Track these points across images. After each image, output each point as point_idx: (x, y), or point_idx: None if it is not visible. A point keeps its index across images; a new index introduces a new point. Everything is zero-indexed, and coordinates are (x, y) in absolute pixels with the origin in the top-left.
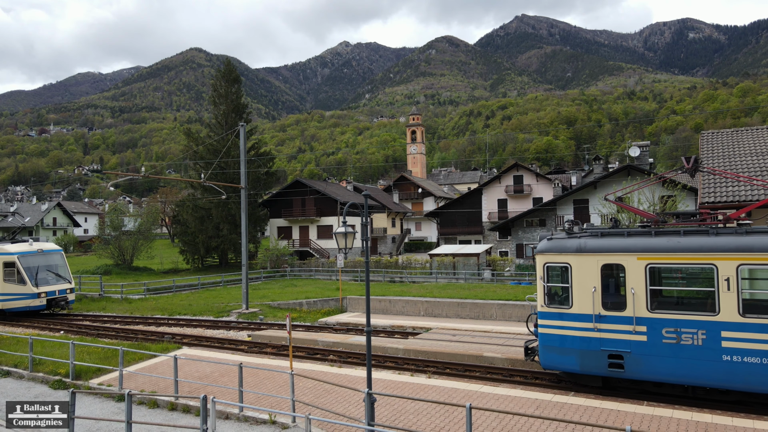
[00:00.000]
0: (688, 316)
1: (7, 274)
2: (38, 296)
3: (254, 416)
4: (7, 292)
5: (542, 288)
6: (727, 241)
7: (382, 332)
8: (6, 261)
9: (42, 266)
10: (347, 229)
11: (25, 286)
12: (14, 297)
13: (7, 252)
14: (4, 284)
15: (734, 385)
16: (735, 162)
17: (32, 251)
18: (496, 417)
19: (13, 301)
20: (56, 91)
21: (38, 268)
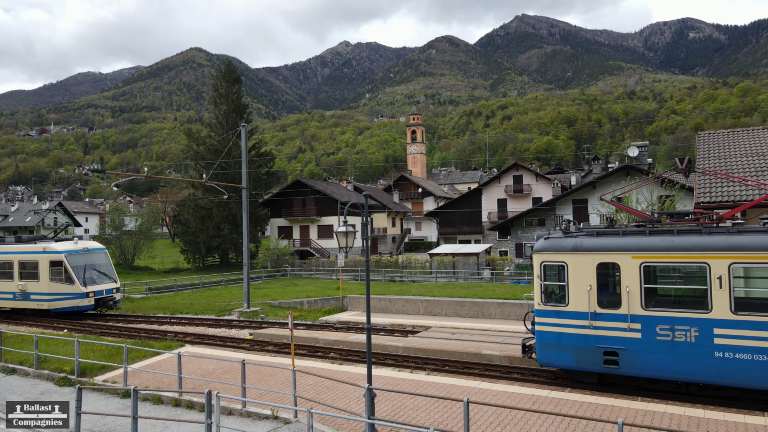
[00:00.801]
0: (681, 314)
1: (53, 273)
2: (86, 296)
3: (257, 412)
4: (53, 292)
5: (539, 286)
6: (719, 241)
7: (382, 331)
8: (53, 260)
9: (89, 265)
10: (348, 229)
11: (73, 285)
12: (62, 297)
13: (53, 250)
14: (51, 284)
15: (726, 381)
16: (731, 162)
17: (78, 250)
18: (494, 412)
19: (61, 300)
20: (56, 90)
21: (85, 266)
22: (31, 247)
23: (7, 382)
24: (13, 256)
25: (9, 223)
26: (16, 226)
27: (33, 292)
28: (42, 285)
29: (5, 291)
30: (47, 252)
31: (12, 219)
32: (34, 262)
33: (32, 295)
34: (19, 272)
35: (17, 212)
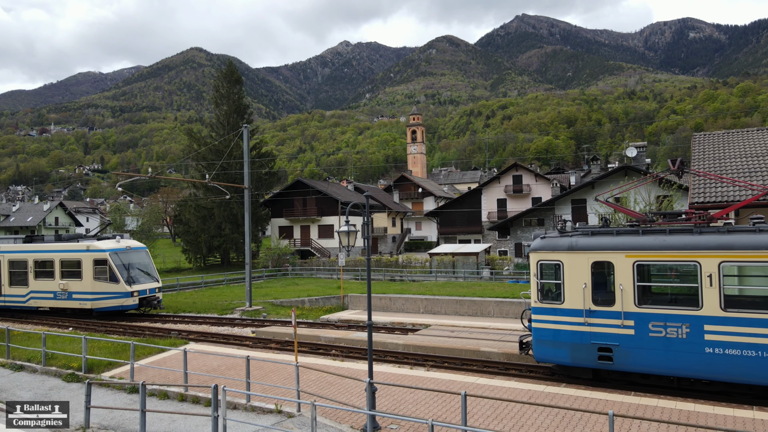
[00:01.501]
0: (673, 311)
1: (97, 272)
2: (131, 295)
3: (261, 406)
4: (97, 291)
5: (536, 284)
6: (709, 240)
7: (383, 329)
8: (97, 258)
9: (132, 264)
10: (350, 228)
11: (117, 284)
12: (106, 296)
13: (97, 249)
14: (94, 283)
15: (716, 376)
16: (725, 163)
17: (122, 248)
18: (491, 406)
19: (105, 300)
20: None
21: (129, 265)
22: (73, 245)
23: (15, 378)
24: (54, 254)
25: (10, 223)
26: (17, 226)
27: (75, 291)
28: (85, 284)
29: (45, 290)
30: (91, 250)
31: (13, 219)
32: (77, 260)
33: (74, 294)
34: (61, 271)
35: (18, 212)
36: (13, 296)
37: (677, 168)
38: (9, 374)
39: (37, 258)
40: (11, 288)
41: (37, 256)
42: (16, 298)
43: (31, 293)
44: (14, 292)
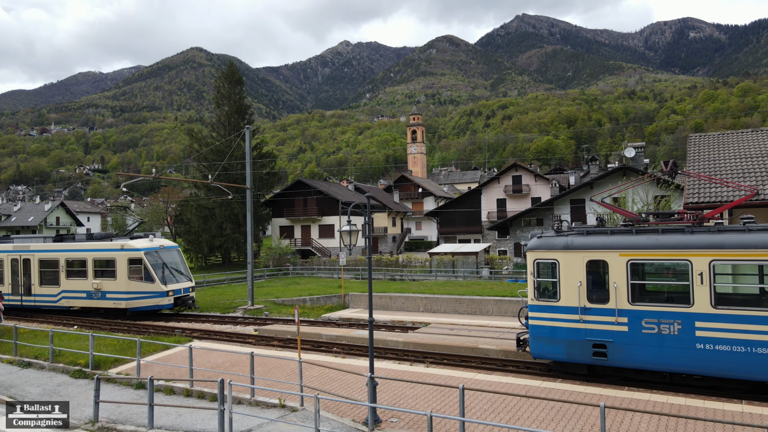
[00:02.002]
0: (665, 308)
1: (132, 271)
2: (167, 294)
3: (265, 401)
4: (132, 291)
5: (532, 283)
6: (700, 239)
7: (383, 327)
8: (131, 257)
9: (166, 263)
10: (352, 228)
11: (153, 283)
12: (141, 295)
13: (132, 248)
14: (129, 282)
15: (707, 371)
16: (719, 165)
17: (155, 247)
18: (489, 400)
19: (140, 299)
20: (57, 90)
21: (163, 264)
22: (106, 244)
23: (24, 374)
24: (87, 253)
25: (12, 223)
26: (18, 226)
27: (109, 291)
28: (119, 283)
29: (78, 290)
30: (125, 249)
31: (15, 219)
32: (111, 259)
33: (108, 293)
34: (94, 270)
35: (20, 212)
36: (43, 296)
37: (669, 169)
38: (17, 371)
39: (69, 257)
40: (42, 287)
41: (69, 256)
42: (46, 298)
43: (63, 293)
44: (45, 291)
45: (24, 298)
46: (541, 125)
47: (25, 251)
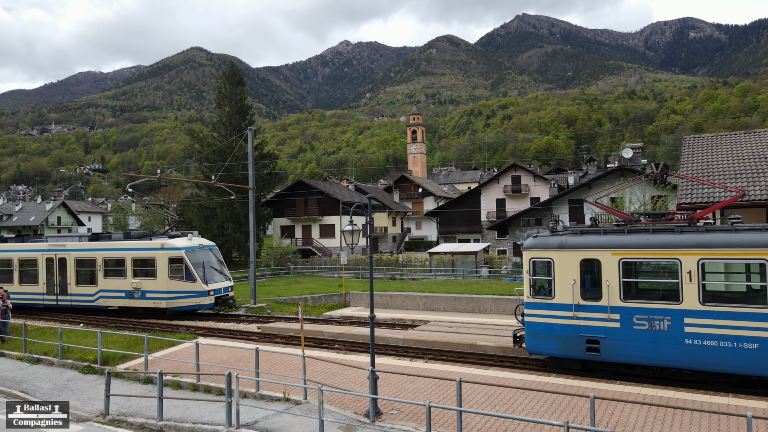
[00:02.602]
0: (655, 305)
1: (173, 270)
2: (208, 294)
3: (270, 394)
4: (172, 290)
5: (528, 281)
6: (689, 239)
7: (384, 324)
8: (172, 256)
9: (205, 262)
10: (353, 228)
11: (194, 283)
12: (182, 295)
13: (173, 247)
14: (170, 281)
15: (696, 366)
16: (712, 166)
17: (195, 246)
18: (485, 393)
19: (181, 299)
20: (57, 90)
21: (203, 263)
22: (146, 243)
23: (34, 370)
24: (125, 252)
25: (13, 223)
26: (20, 226)
27: (149, 290)
28: (159, 283)
29: (116, 289)
30: (166, 248)
31: (16, 218)
32: (151, 259)
33: (148, 293)
34: (133, 269)
35: (21, 212)
36: (80, 295)
37: (660, 171)
38: (27, 367)
39: (106, 256)
40: (78, 287)
41: (106, 255)
42: (83, 297)
43: (100, 292)
44: (82, 291)
45: (60, 297)
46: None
47: (61, 250)
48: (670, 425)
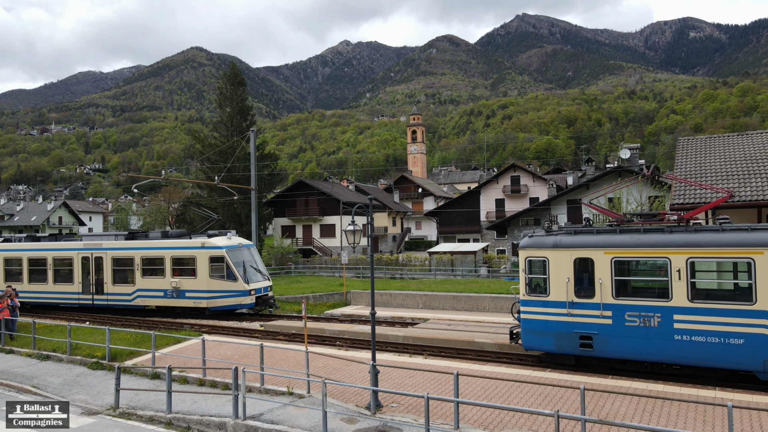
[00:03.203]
0: (646, 302)
1: (213, 269)
2: (249, 294)
3: (274, 388)
4: (213, 289)
5: (524, 279)
6: (678, 238)
7: (384, 323)
8: (213, 255)
9: (245, 261)
10: (355, 227)
11: (235, 282)
12: (223, 294)
13: (214, 245)
14: (210, 281)
15: (685, 361)
16: (705, 167)
17: (235, 245)
18: (482, 387)
19: (222, 298)
20: (57, 90)
21: (243, 263)
22: (186, 242)
23: (44, 366)
24: (164, 251)
25: (15, 222)
26: (21, 225)
27: (188, 290)
28: (200, 282)
29: (155, 288)
30: (206, 247)
31: (18, 218)
32: (191, 257)
33: (187, 292)
34: (172, 269)
35: (23, 212)
36: (117, 295)
37: (650, 173)
38: (36, 363)
39: (144, 255)
40: (114, 286)
41: (144, 254)
42: (120, 297)
43: (138, 291)
44: (118, 290)
45: (96, 297)
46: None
47: (97, 249)
48: (658, 416)
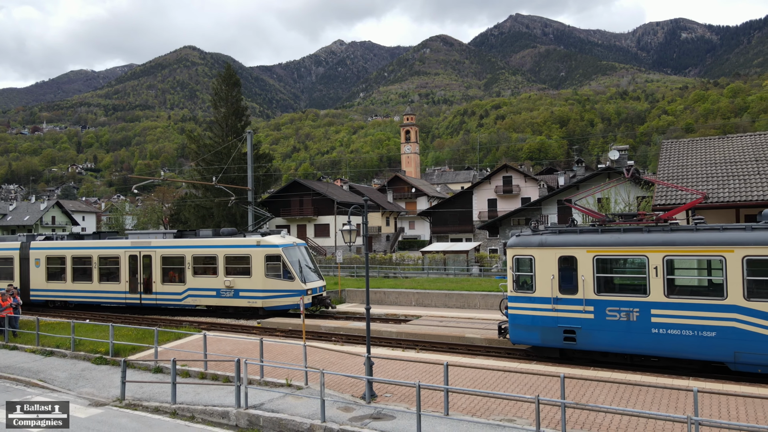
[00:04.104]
0: (626, 298)
1: (269, 268)
2: (306, 293)
3: (273, 380)
4: (269, 289)
5: (512, 276)
6: (656, 237)
7: (378, 319)
8: (269, 254)
9: (300, 260)
10: (351, 228)
11: (292, 281)
12: (280, 294)
13: (270, 244)
14: (266, 280)
15: (661, 353)
16: (686, 169)
17: (290, 244)
18: (471, 378)
19: (278, 298)
20: (49, 88)
21: (299, 261)
22: (240, 240)
23: (48, 362)
24: (217, 250)
25: (7, 222)
26: (14, 225)
27: (243, 289)
28: (255, 281)
29: (207, 287)
30: (262, 246)
31: (10, 218)
32: (246, 256)
33: (242, 292)
34: (225, 267)
35: (15, 211)
36: (166, 294)
37: (630, 175)
38: (41, 359)
39: (196, 254)
40: (164, 285)
41: (196, 252)
42: (170, 296)
43: (189, 291)
44: (168, 289)
45: (143, 296)
46: (534, 125)
47: (146, 247)
48: (634, 402)
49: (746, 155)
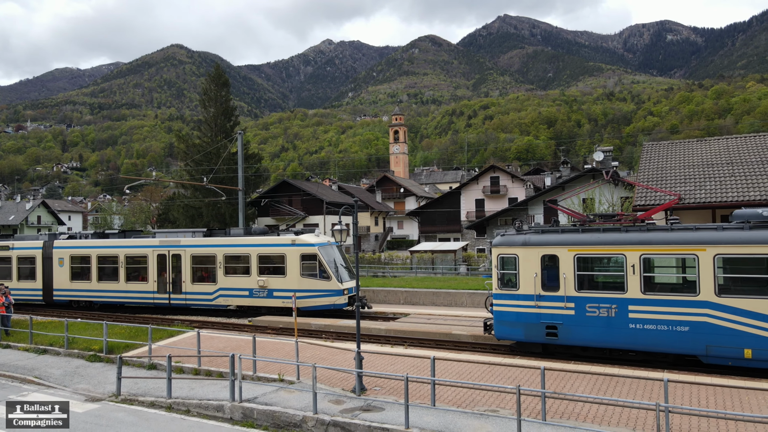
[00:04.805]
0: (605, 294)
1: (305, 268)
2: (342, 293)
3: (266, 376)
4: (304, 288)
5: (496, 274)
6: (633, 237)
7: (367, 317)
8: (305, 253)
9: (335, 259)
10: (342, 227)
11: (329, 281)
12: (315, 294)
13: (305, 243)
14: (301, 279)
15: (639, 347)
16: (666, 171)
17: (324, 243)
18: (457, 372)
19: (314, 298)
20: (33, 86)
21: (334, 261)
22: (274, 239)
23: (42, 359)
24: (250, 248)
25: None
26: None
27: (276, 289)
28: (290, 281)
29: (239, 287)
30: (297, 245)
31: None
32: (280, 255)
33: (275, 291)
34: (258, 267)
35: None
36: (197, 294)
37: (609, 177)
38: (35, 357)
39: (228, 252)
40: (194, 285)
41: (228, 251)
42: (201, 296)
43: (220, 290)
44: (198, 289)
45: (173, 296)
46: (521, 125)
47: (175, 246)
48: (611, 393)
49: (721, 158)
